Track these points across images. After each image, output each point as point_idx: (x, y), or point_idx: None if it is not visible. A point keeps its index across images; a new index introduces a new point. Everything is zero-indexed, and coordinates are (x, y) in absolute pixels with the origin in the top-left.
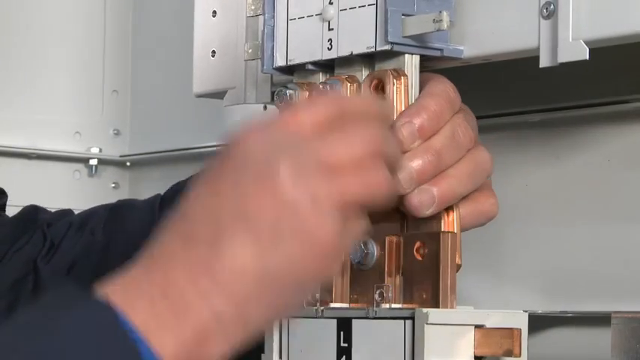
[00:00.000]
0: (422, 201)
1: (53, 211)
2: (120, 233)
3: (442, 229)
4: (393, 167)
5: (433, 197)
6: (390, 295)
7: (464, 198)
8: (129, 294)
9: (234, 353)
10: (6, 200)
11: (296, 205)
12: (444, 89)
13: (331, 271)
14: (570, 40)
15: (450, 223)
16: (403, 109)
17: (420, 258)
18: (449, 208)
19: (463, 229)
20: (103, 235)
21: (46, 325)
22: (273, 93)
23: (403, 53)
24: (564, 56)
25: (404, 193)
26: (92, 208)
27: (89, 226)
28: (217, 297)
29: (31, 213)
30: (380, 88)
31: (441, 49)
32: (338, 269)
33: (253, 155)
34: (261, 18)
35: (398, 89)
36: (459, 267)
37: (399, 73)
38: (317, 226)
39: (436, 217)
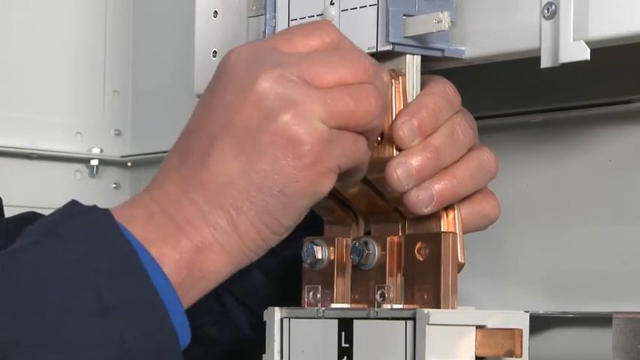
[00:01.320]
0: (420, 199)
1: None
2: None
3: (442, 229)
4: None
5: (432, 195)
6: (391, 295)
7: (465, 199)
8: (129, 209)
9: (235, 270)
10: (1, 205)
11: (276, 113)
12: (443, 89)
13: (320, 185)
14: (572, 40)
15: (450, 222)
16: (401, 109)
17: (421, 258)
18: (449, 208)
19: (465, 232)
20: None
21: (49, 231)
22: None
23: (404, 53)
24: (566, 57)
25: (402, 191)
26: None
27: None
28: (210, 209)
29: (28, 220)
30: None
31: (442, 50)
32: (328, 185)
33: (238, 69)
34: (262, 18)
35: (396, 89)
36: (462, 265)
37: (396, 73)
38: (299, 135)
39: (435, 217)
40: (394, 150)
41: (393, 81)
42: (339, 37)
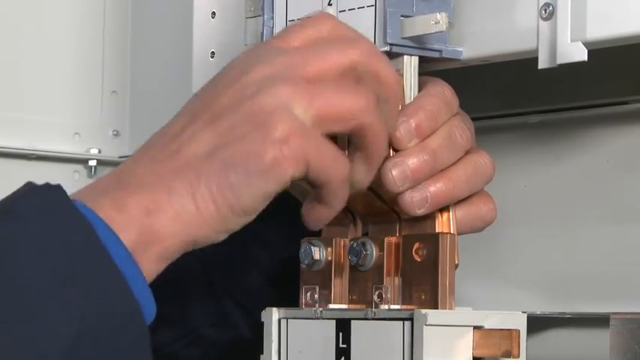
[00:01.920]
0: (414, 200)
1: None
2: None
3: (436, 230)
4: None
5: (426, 197)
6: (388, 296)
7: (461, 201)
8: (89, 188)
9: (194, 244)
10: None
11: (256, 95)
12: (442, 90)
13: (282, 167)
14: (569, 41)
15: (445, 223)
16: (399, 109)
17: (418, 259)
18: (443, 209)
19: (459, 233)
20: None
21: (2, 209)
22: None
23: (402, 54)
24: (563, 57)
25: (398, 192)
26: None
27: None
28: (168, 174)
29: None
30: None
31: (440, 50)
32: (291, 172)
33: (235, 64)
34: (260, 19)
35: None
36: (456, 266)
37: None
38: (274, 115)
39: (430, 218)
40: (391, 151)
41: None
42: (337, 25)
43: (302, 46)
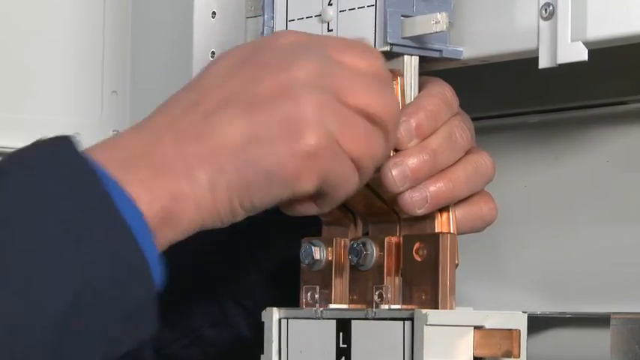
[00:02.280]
0: (414, 200)
1: None
2: None
3: (436, 230)
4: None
5: (426, 197)
6: (389, 295)
7: (462, 201)
8: (108, 148)
9: (200, 229)
10: None
11: (299, 100)
12: (442, 91)
13: (301, 180)
14: (569, 41)
15: (444, 223)
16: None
17: (419, 259)
18: (443, 209)
19: (460, 233)
20: None
21: (13, 159)
22: None
23: (402, 54)
24: (563, 57)
25: (397, 192)
26: None
27: None
28: (195, 162)
29: None
30: None
31: (440, 50)
32: (307, 186)
33: (283, 48)
34: (260, 19)
35: (395, 90)
36: (456, 266)
37: (395, 73)
38: (310, 127)
39: (430, 218)
40: (391, 151)
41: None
42: (384, 71)
43: (349, 66)
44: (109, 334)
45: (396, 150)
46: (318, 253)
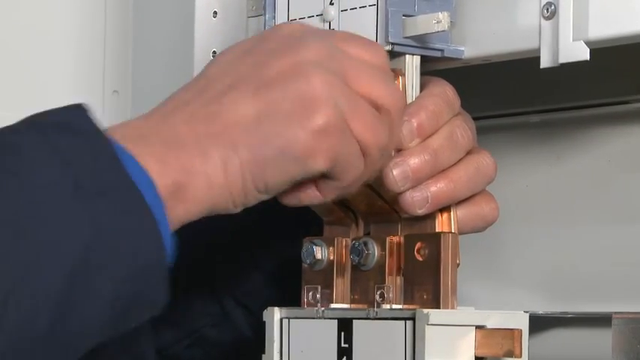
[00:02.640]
0: (415, 200)
1: None
2: None
3: (436, 229)
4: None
5: (427, 197)
6: (390, 295)
7: (463, 201)
8: (119, 127)
9: (212, 211)
10: None
11: (310, 77)
12: (443, 90)
13: (315, 161)
14: (571, 40)
15: (445, 223)
16: None
17: (420, 258)
18: (444, 209)
19: (461, 233)
20: None
21: (26, 120)
22: None
23: (404, 54)
24: (565, 57)
25: (399, 191)
26: None
27: None
28: (207, 140)
29: None
30: None
31: (441, 50)
32: (320, 164)
33: (290, 36)
34: (261, 18)
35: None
36: (457, 266)
37: (396, 72)
38: (321, 105)
39: (430, 218)
40: (395, 144)
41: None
42: (388, 66)
43: (354, 56)
44: (117, 291)
45: (398, 150)
46: (320, 252)
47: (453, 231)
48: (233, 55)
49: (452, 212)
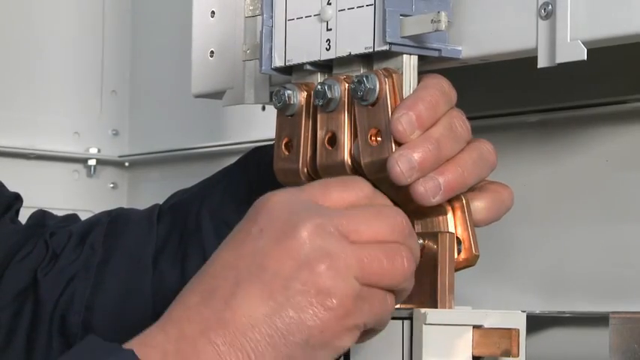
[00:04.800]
0: (427, 189)
1: (60, 215)
2: (118, 249)
3: (448, 228)
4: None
5: (439, 185)
6: None
7: (482, 191)
8: (143, 349)
9: None
10: (20, 205)
11: (311, 263)
12: (438, 82)
13: (344, 339)
14: (568, 40)
15: (460, 218)
16: (394, 106)
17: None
18: (456, 206)
19: (487, 223)
20: (102, 249)
21: None
22: (271, 93)
23: (401, 54)
24: (562, 56)
25: (406, 184)
26: (94, 217)
27: (89, 240)
28: (229, 350)
29: (38, 219)
30: None
31: (439, 50)
32: (350, 341)
33: (277, 214)
34: (259, 18)
35: (389, 87)
36: (477, 257)
37: (389, 71)
38: (331, 287)
39: (442, 213)
40: (393, 145)
41: (386, 79)
42: (373, 193)
43: (346, 207)
44: None
45: (399, 144)
46: None
47: (468, 226)
48: (227, 250)
49: (465, 206)
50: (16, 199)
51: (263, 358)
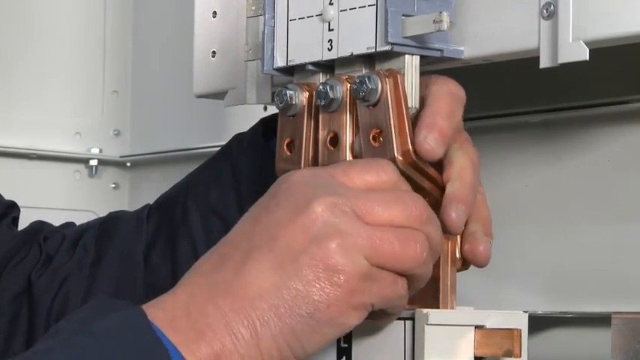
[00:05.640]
0: (459, 217)
1: (58, 225)
2: (109, 249)
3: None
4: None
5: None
6: None
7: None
8: (152, 310)
9: None
10: (17, 213)
11: (321, 238)
12: (447, 88)
13: (350, 317)
14: (570, 40)
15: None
16: (396, 107)
17: None
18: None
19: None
20: (94, 249)
21: (81, 328)
22: (273, 94)
23: (403, 54)
24: (565, 57)
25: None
26: (88, 223)
27: (82, 241)
28: (235, 317)
29: (35, 227)
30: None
31: (441, 50)
32: (357, 319)
33: (295, 189)
34: (261, 18)
35: (391, 88)
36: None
37: (391, 72)
38: (339, 264)
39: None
40: (394, 147)
41: (388, 80)
42: (397, 178)
43: (366, 188)
44: None
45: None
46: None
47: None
48: (246, 219)
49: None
50: (12, 207)
51: (268, 327)
